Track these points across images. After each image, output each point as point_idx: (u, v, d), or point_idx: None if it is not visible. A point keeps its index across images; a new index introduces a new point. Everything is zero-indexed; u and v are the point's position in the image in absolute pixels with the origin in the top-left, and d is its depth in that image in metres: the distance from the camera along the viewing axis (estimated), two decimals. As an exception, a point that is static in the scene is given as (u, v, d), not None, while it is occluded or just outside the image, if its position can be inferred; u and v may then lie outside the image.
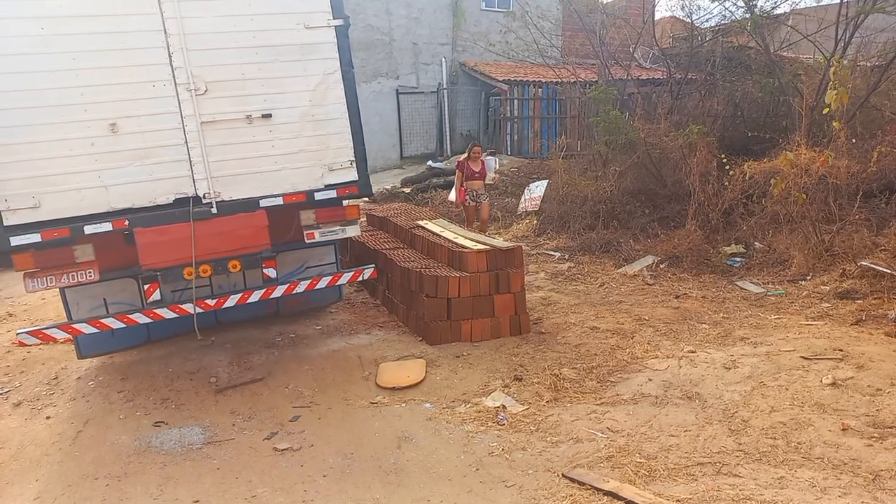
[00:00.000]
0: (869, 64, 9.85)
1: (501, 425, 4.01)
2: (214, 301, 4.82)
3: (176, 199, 4.61)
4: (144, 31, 4.48)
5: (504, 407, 4.26)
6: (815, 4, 11.91)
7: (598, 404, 4.21)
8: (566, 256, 8.30)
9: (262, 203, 4.83)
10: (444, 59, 17.97)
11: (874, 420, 3.63)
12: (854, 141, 7.77)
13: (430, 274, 5.49)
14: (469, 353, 5.21)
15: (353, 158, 5.18)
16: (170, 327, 5.27)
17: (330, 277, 5.28)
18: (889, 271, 6.01)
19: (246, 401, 4.53)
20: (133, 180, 4.50)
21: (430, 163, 14.50)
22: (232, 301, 4.87)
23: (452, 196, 9.30)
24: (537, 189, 10.65)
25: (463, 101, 18.21)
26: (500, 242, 6.50)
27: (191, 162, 4.63)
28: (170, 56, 4.53)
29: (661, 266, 7.48)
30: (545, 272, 7.77)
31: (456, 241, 6.20)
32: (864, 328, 5.16)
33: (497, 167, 8.77)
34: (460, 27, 18.04)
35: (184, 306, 4.70)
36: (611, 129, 9.84)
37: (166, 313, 4.70)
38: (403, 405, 4.38)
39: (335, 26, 5.08)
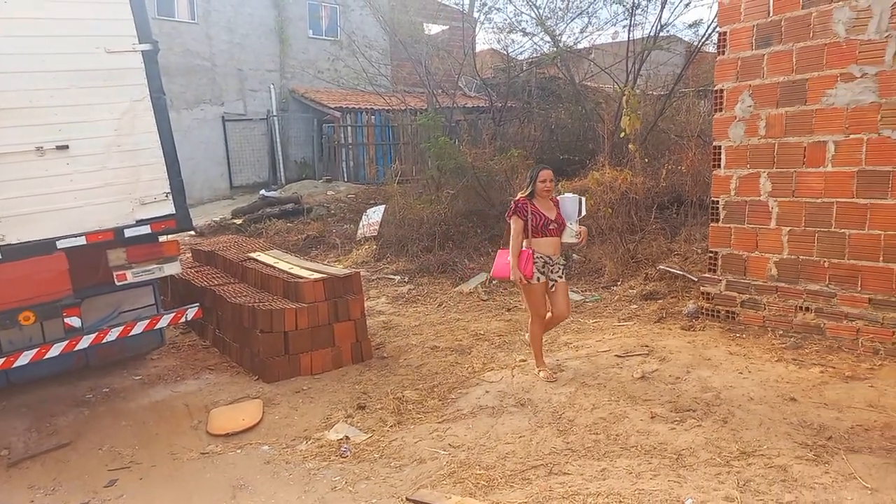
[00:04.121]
0: (655, 93, 11.33)
1: (345, 457, 3.92)
2: (2, 360, 4.17)
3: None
4: None
5: (347, 438, 4.17)
6: (610, 41, 13.44)
7: (439, 422, 4.28)
8: (406, 279, 8.43)
9: (61, 244, 4.30)
10: (272, 86, 17.55)
11: (675, 405, 4.10)
12: (647, 160, 8.87)
13: (264, 308, 5.26)
14: (310, 387, 5.05)
15: (169, 190, 4.82)
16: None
17: (148, 321, 4.82)
18: (682, 273, 6.89)
19: (49, 471, 3.95)
20: None
21: (262, 192, 13.97)
22: (25, 358, 4.23)
23: (504, 267, 4.73)
24: (375, 214, 10.73)
25: (296, 128, 17.89)
26: (337, 270, 6.43)
27: (-36, 201, 4.00)
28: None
29: (494, 282, 7.86)
30: (386, 296, 7.81)
31: (291, 271, 6.02)
32: (665, 324, 5.85)
33: (584, 211, 4.75)
34: (287, 54, 17.77)
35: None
36: (441, 154, 10.24)
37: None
38: (239, 451, 4.10)
39: (142, 51, 4.73)
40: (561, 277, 4.76)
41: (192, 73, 16.26)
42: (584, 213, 4.73)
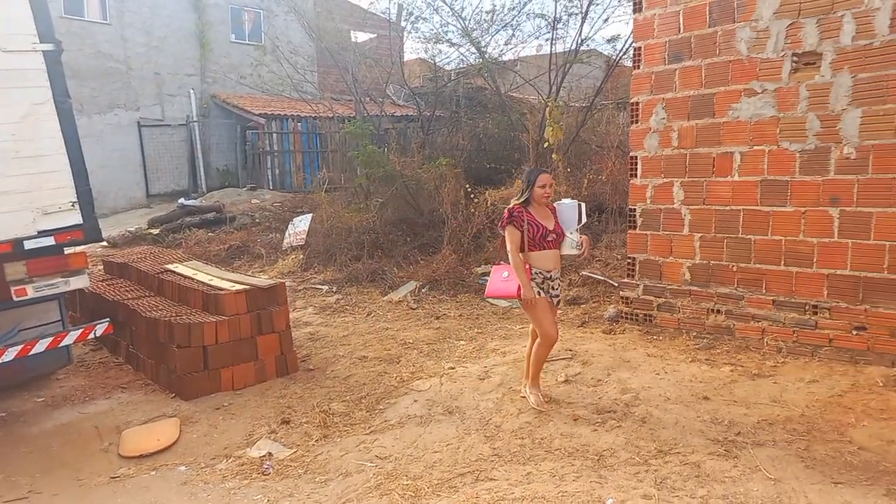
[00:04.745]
0: (577, 105, 11.72)
1: (267, 475, 3.79)
2: None
3: None
4: None
5: (270, 454, 4.04)
6: (535, 53, 13.82)
7: (367, 434, 4.22)
8: (334, 289, 8.29)
9: (-50, 257, 3.96)
10: (192, 91, 16.93)
11: (597, 407, 4.22)
12: (570, 170, 9.14)
13: (182, 322, 5.03)
14: (231, 403, 4.86)
15: (76, 199, 4.53)
16: None
17: (51, 338, 4.50)
18: (603, 278, 7.13)
19: (-66, 507, 3.61)
20: None
21: (182, 201, 13.41)
22: None
23: (498, 283, 4.24)
24: (302, 223, 10.51)
25: (217, 134, 17.32)
26: (261, 280, 6.23)
27: None
28: None
29: (423, 290, 7.87)
30: (313, 307, 7.65)
31: (211, 283, 5.79)
32: (588, 328, 6.02)
33: (585, 219, 4.28)
34: (208, 58, 17.21)
35: None
36: (370, 162, 10.18)
37: None
38: (153, 473, 3.89)
39: (43, 51, 4.44)
40: (559, 295, 4.27)
41: (105, 76, 15.45)
42: (584, 220, 4.23)
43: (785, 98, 4.97)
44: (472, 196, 9.16)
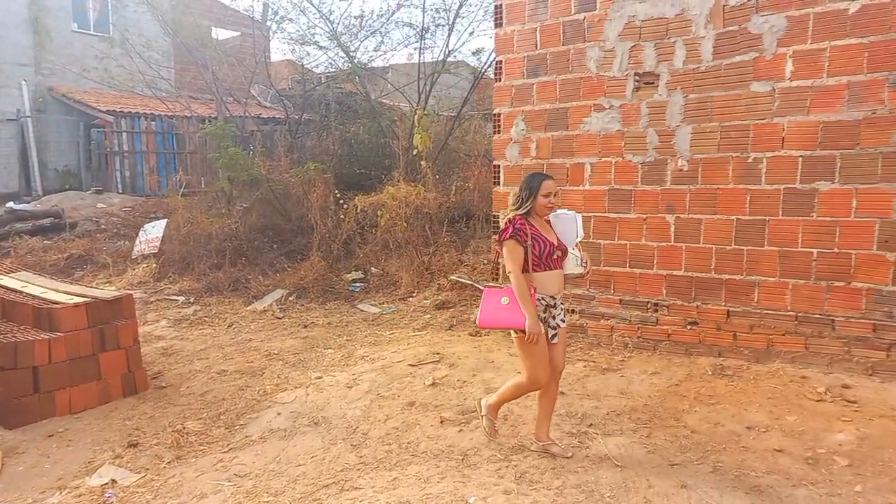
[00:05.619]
0: (446, 114, 11.99)
1: (109, 504, 3.45)
2: None
3: None
4: None
5: (114, 481, 3.67)
6: (406, 61, 13.95)
7: (225, 452, 3.98)
8: (191, 300, 7.77)
9: None
10: (24, 82, 15.15)
11: (462, 408, 4.31)
12: (438, 177, 9.31)
13: (4, 340, 4.44)
14: (68, 429, 4.37)
15: None
16: None
17: None
18: (470, 282, 7.32)
19: None
20: None
21: (11, 204, 11.92)
22: None
23: (498, 311, 3.44)
24: (155, 229, 9.76)
25: (56, 131, 15.63)
26: (105, 292, 5.69)
27: None
28: None
29: (290, 298, 7.62)
30: (167, 319, 7.12)
31: (45, 296, 5.18)
32: (455, 332, 6.15)
33: (581, 233, 3.75)
34: (45, 48, 15.49)
35: None
36: (232, 165, 9.69)
37: None
38: (-34, 515, 3.39)
39: None
40: (563, 322, 3.54)
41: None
42: (581, 234, 3.72)
43: (629, 114, 5.42)
44: (341, 202, 9.03)
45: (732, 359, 4.97)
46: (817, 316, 4.73)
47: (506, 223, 3.46)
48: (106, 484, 3.65)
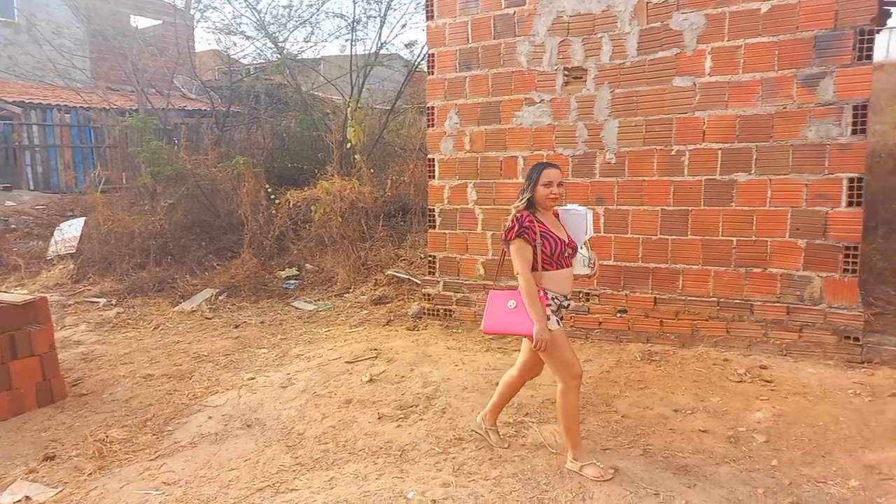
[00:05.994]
0: (381, 107, 11.87)
1: (23, 523, 3.23)
2: None
3: None
4: None
5: (28, 498, 3.44)
6: (338, 53, 13.70)
7: (152, 459, 3.80)
8: (113, 301, 7.38)
9: None
10: (-84, 70, 13.93)
11: (400, 403, 4.29)
12: (373, 171, 9.21)
13: None
14: (-25, 444, 4.06)
15: None
16: None
17: None
18: (407, 276, 7.29)
19: None
20: None
21: None
22: None
23: (505, 316, 3.25)
24: (72, 228, 9.21)
25: (-45, 124, 14.43)
26: (15, 296, 5.31)
27: None
28: None
29: (221, 298, 7.37)
30: (87, 323, 6.73)
31: (-55, 302, 4.78)
32: (393, 326, 6.11)
33: (592, 230, 3.43)
34: (-60, 32, 14.29)
35: None
36: (155, 159, 9.26)
37: None
38: None
39: None
40: (559, 323, 3.26)
41: None
42: (591, 232, 3.44)
43: (559, 108, 5.52)
44: (273, 197, 8.80)
45: (660, 344, 5.17)
46: (737, 301, 4.98)
47: (512, 220, 3.20)
48: (18, 501, 3.42)
